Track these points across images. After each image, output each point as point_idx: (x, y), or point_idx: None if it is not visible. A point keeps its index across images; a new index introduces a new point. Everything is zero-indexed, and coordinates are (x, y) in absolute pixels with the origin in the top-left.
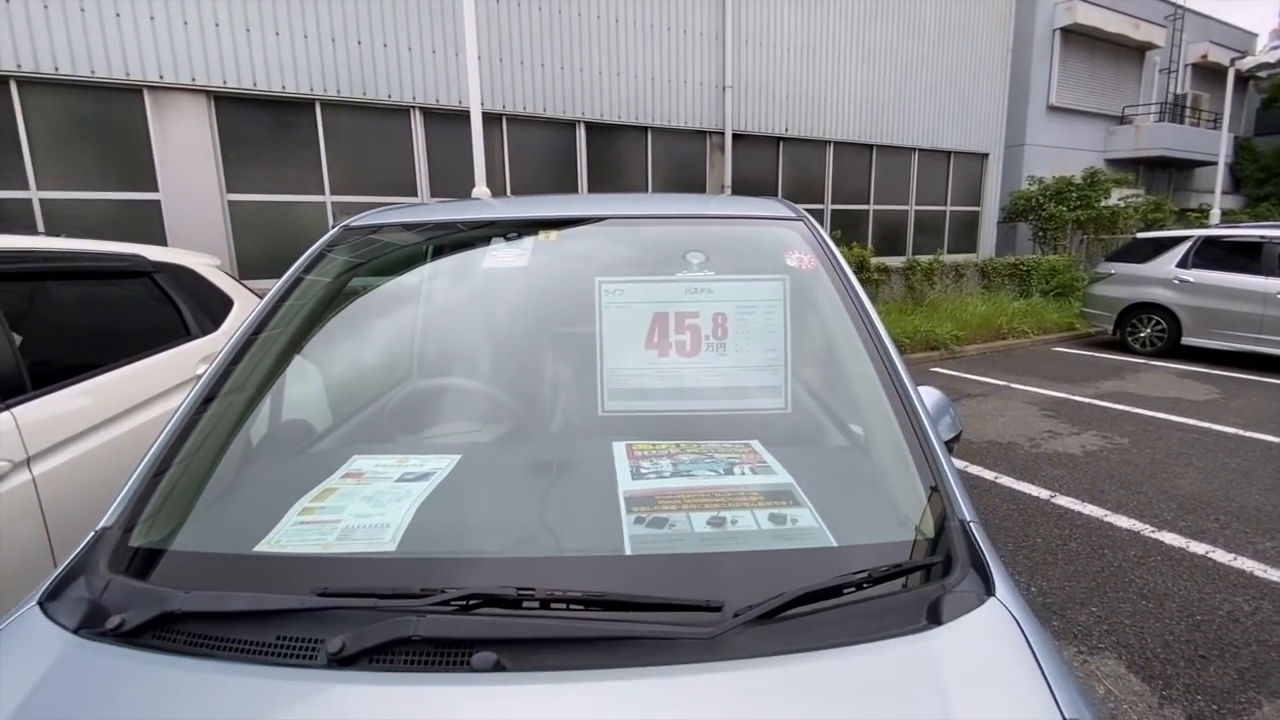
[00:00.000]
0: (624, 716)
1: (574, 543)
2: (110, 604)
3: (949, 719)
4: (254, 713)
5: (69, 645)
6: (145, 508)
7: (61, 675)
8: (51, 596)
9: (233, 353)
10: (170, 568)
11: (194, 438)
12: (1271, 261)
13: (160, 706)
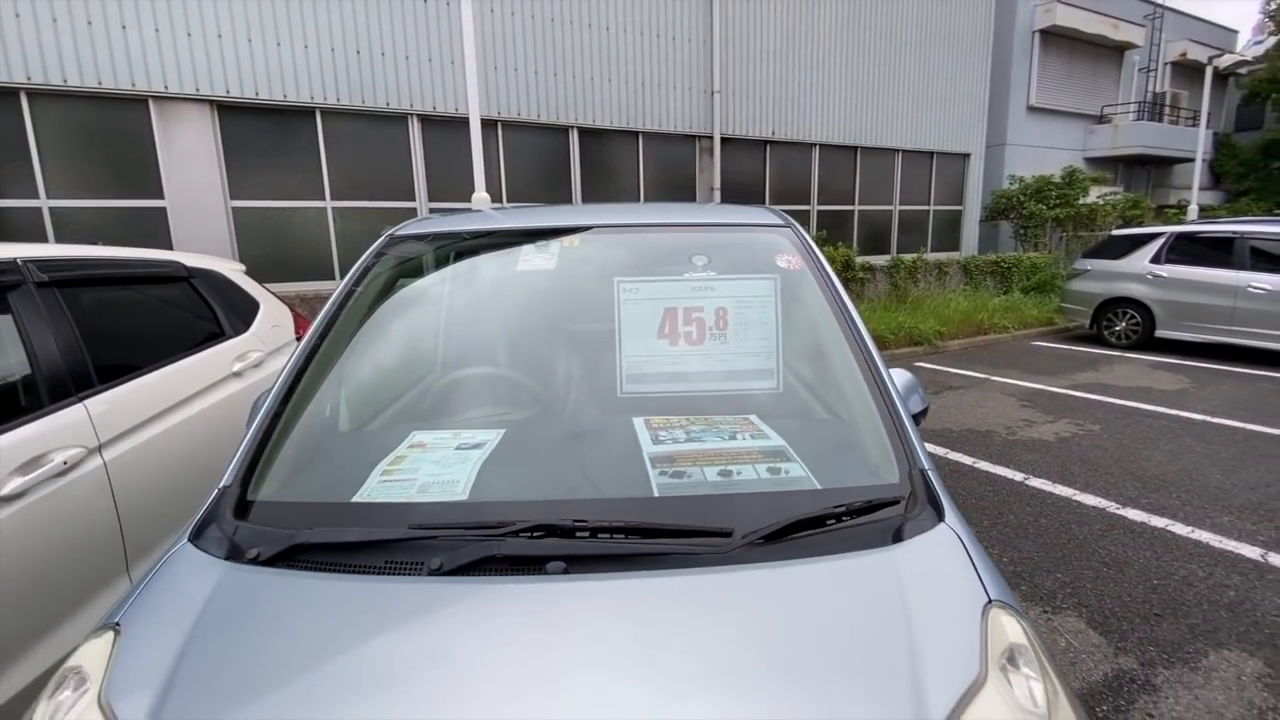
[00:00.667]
0: (657, 601)
1: (611, 490)
2: (243, 541)
3: (903, 598)
4: (380, 607)
5: (225, 569)
6: (254, 472)
7: (227, 586)
8: (196, 537)
9: (309, 346)
10: (284, 514)
11: (285, 417)
12: (1243, 255)
13: (306, 606)
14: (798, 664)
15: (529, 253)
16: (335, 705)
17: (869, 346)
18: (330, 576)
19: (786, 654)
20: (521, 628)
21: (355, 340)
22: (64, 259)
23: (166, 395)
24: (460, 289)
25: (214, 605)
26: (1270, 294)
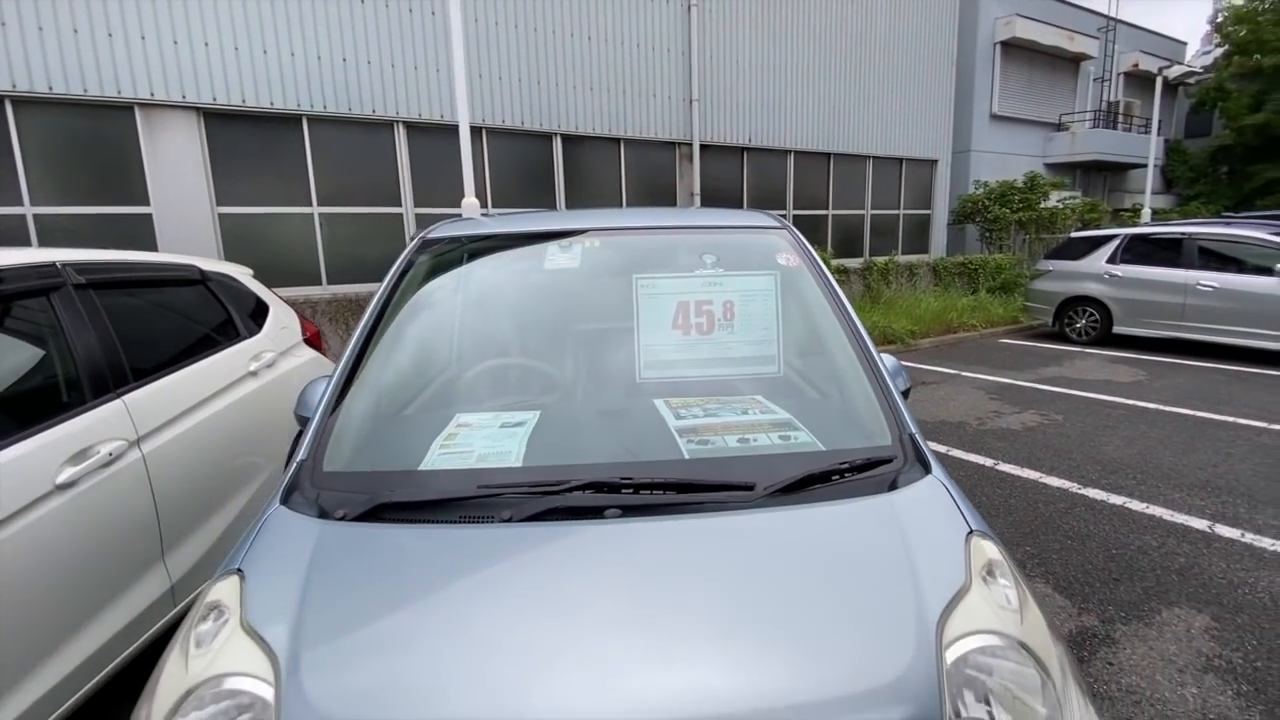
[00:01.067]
0: (698, 536)
1: (647, 455)
2: (329, 504)
3: (901, 530)
4: (464, 549)
5: (321, 525)
6: (326, 447)
7: (328, 538)
8: (286, 500)
9: (362, 337)
10: (359, 481)
11: (345, 401)
12: (1191, 255)
13: (400, 550)
14: (822, 576)
15: (554, 252)
16: (445, 618)
17: (861, 332)
18: (415, 528)
19: (811, 570)
20: (592, 558)
21: (401, 332)
22: (97, 262)
23: (193, 392)
24: (490, 285)
25: (320, 551)
26: (1217, 291)
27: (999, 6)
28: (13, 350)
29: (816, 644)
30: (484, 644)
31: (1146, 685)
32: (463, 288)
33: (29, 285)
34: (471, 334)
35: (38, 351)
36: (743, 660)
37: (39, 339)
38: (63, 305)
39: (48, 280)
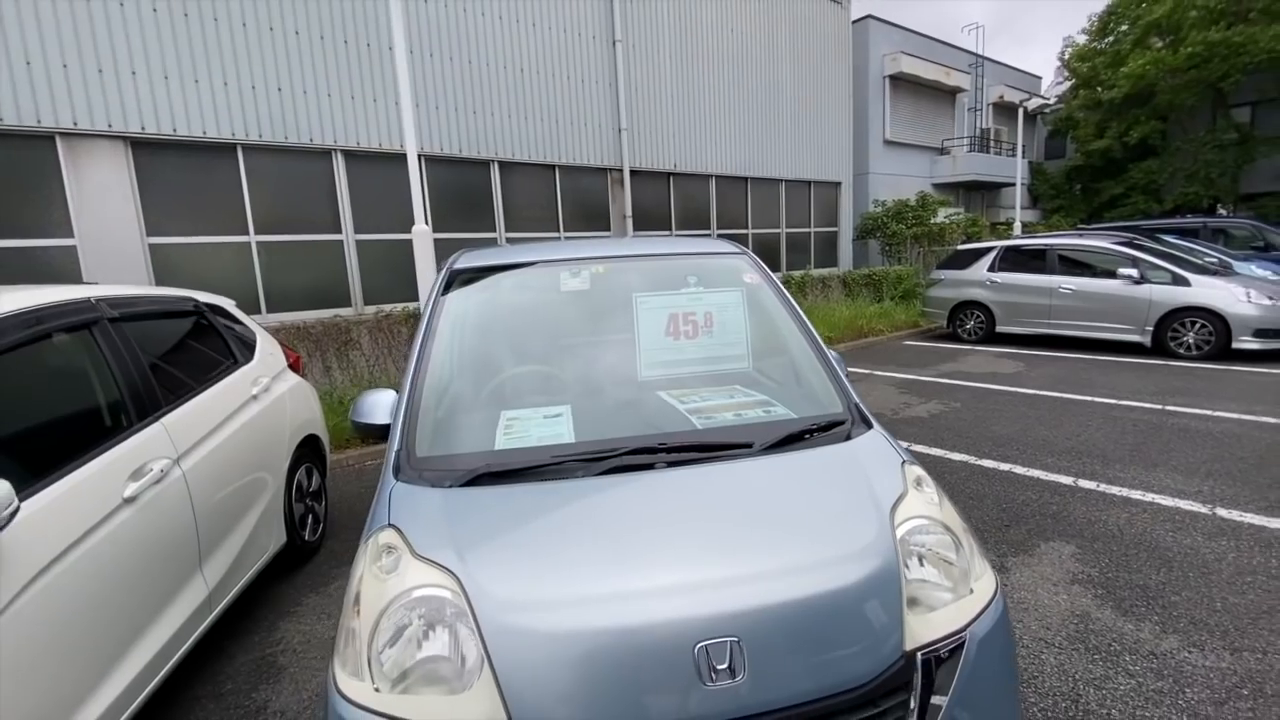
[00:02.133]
0: (720, 476)
1: (669, 428)
2: (432, 478)
3: (858, 462)
4: (558, 495)
5: (439, 490)
6: (415, 440)
7: (450, 497)
8: (397, 478)
9: (417, 356)
10: (448, 461)
11: (411, 405)
12: (1054, 263)
13: (511, 501)
14: (810, 494)
15: (567, 277)
16: (563, 535)
17: (812, 331)
18: (514, 486)
19: (801, 491)
20: (652, 493)
21: (450, 347)
22: (120, 296)
23: (213, 415)
24: (516, 305)
25: (448, 506)
26: (1075, 293)
27: (887, 44)
28: (69, 378)
29: (817, 529)
30: (597, 545)
31: (1030, 596)
32: (494, 307)
33: (76, 320)
34: (506, 346)
35: (89, 379)
36: (770, 541)
37: (88, 368)
38: (103, 337)
39: (88, 314)
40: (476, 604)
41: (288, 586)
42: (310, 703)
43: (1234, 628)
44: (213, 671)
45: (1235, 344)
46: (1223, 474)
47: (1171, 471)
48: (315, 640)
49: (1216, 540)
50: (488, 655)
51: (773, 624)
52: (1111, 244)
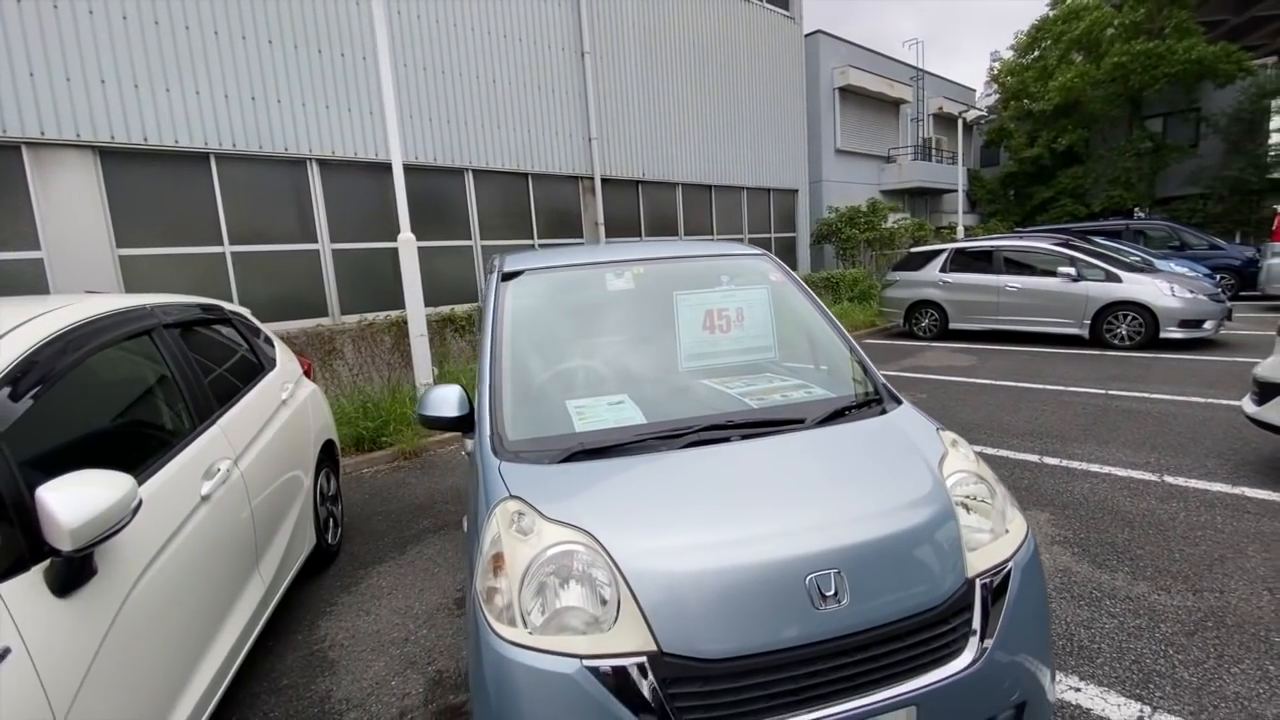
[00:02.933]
0: (784, 444)
1: (725, 410)
2: (532, 458)
3: (900, 430)
4: (648, 466)
5: (542, 467)
6: (503, 425)
7: (553, 471)
8: (499, 458)
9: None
10: (538, 443)
11: (503, 395)
12: (999, 263)
13: (609, 471)
14: (868, 455)
15: (612, 277)
16: (667, 496)
17: (836, 322)
18: (607, 461)
19: (857, 454)
20: (729, 460)
21: (515, 344)
22: (168, 304)
23: (256, 418)
24: (570, 304)
25: (561, 478)
26: (1020, 290)
27: (835, 58)
28: (141, 381)
29: (886, 482)
30: (706, 501)
31: None
32: (550, 306)
33: (140, 326)
34: (565, 341)
35: (158, 382)
36: (852, 492)
37: (155, 371)
38: (161, 342)
39: (149, 321)
40: (615, 554)
41: (317, 589)
42: (372, 689)
43: (1193, 574)
44: (265, 669)
45: (1163, 334)
46: (1165, 447)
47: (1122, 447)
48: (360, 635)
49: (1168, 503)
50: (633, 595)
51: (867, 557)
52: (1051, 245)
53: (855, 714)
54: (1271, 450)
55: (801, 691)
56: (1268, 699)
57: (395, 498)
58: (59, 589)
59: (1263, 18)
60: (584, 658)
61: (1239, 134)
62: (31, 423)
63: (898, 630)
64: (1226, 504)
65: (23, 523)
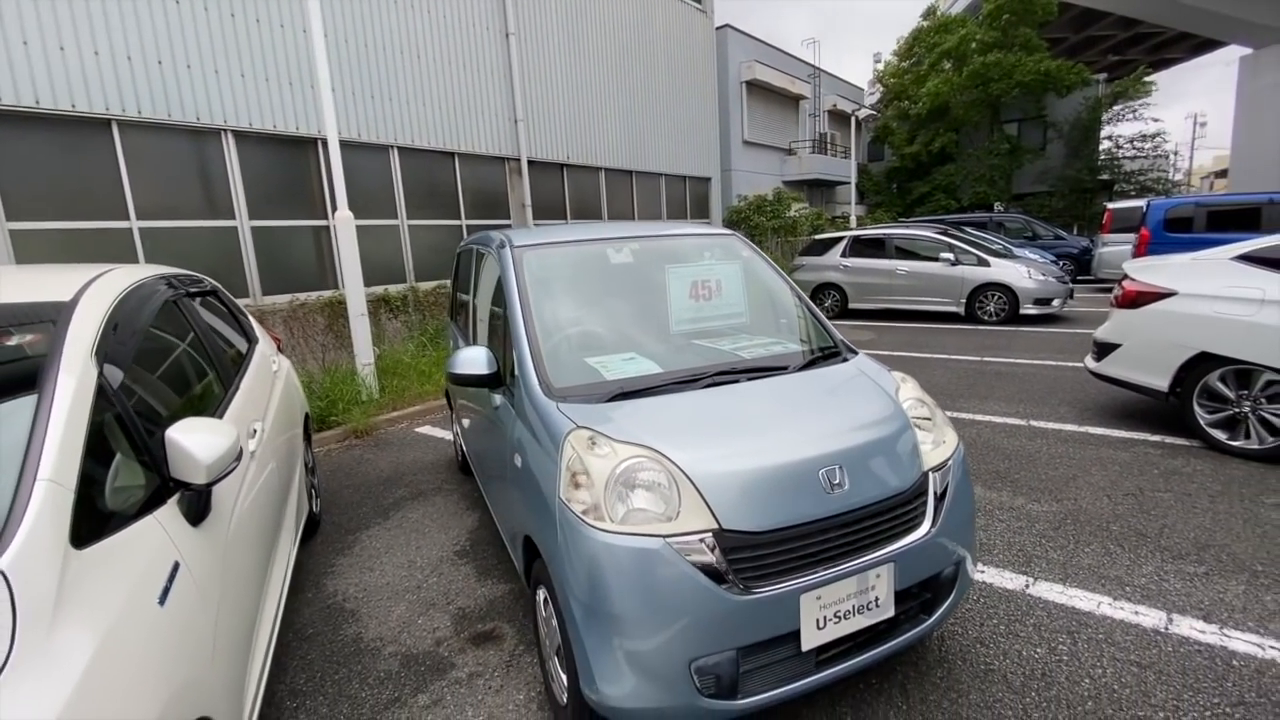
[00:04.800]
0: (777, 383)
1: (729, 361)
2: (581, 399)
3: (862, 371)
4: (684, 401)
5: (591, 405)
6: (547, 375)
7: (601, 408)
8: (551, 399)
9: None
10: (579, 390)
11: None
12: (891, 249)
13: (652, 406)
14: (845, 389)
15: (613, 252)
16: (702, 420)
17: (799, 292)
18: (646, 399)
19: (839, 387)
20: (739, 394)
21: (539, 309)
22: (174, 274)
23: (263, 386)
24: (580, 275)
25: (615, 412)
26: (908, 274)
27: (743, 53)
28: (183, 347)
29: (863, 405)
30: (739, 423)
31: None
32: (564, 277)
33: (173, 293)
34: (579, 307)
35: (189, 347)
36: (842, 412)
37: (185, 337)
38: (188, 310)
39: (176, 290)
40: (678, 462)
41: (310, 554)
42: (401, 628)
43: (1055, 489)
44: (287, 623)
45: (1022, 310)
46: (1029, 399)
47: (997, 400)
48: (371, 588)
49: (1034, 441)
50: (697, 490)
51: (859, 456)
52: (933, 233)
53: (855, 568)
54: (1106, 397)
55: (821, 553)
56: (1110, 565)
57: (359, 473)
58: (193, 519)
59: (1097, 36)
60: (665, 537)
61: (1078, 139)
62: (134, 371)
63: (881, 508)
64: (1076, 439)
65: (153, 462)
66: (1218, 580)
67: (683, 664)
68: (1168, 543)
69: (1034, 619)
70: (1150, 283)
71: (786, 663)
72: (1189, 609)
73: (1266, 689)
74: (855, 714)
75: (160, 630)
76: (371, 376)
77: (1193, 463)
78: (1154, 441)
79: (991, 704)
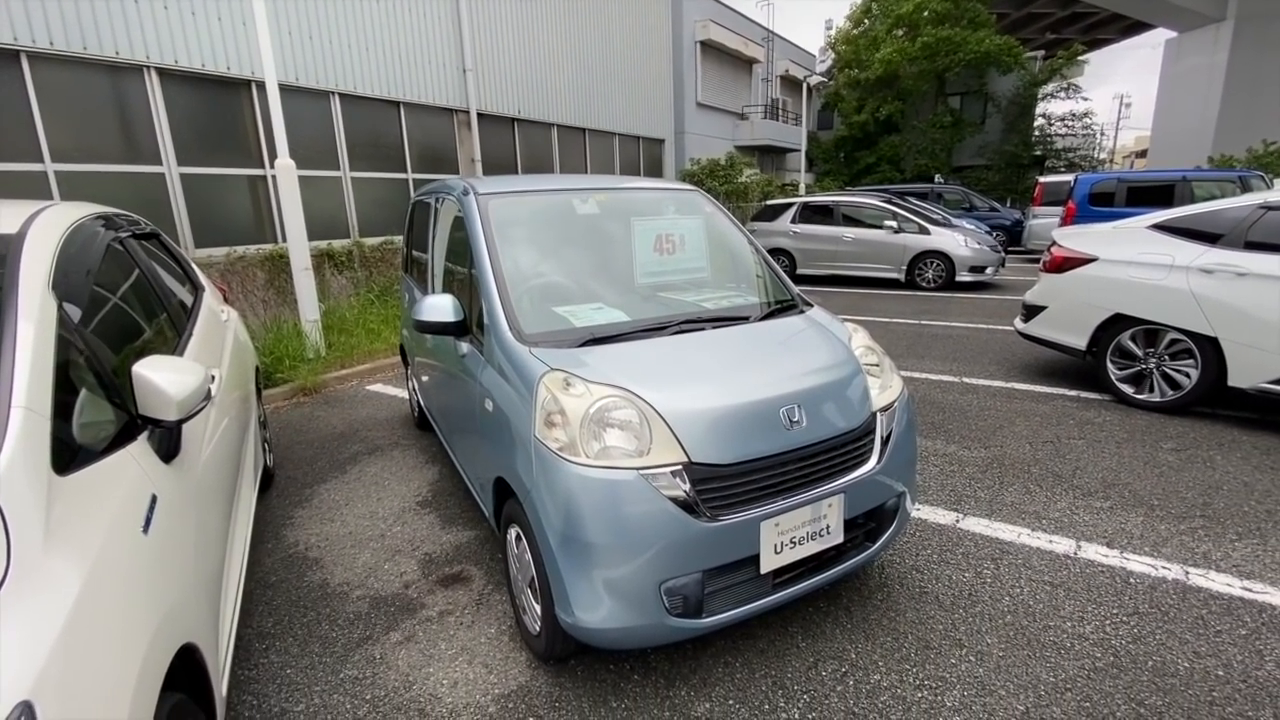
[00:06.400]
0: (740, 331)
1: (691, 311)
2: (552, 344)
3: (816, 322)
4: (652, 346)
5: (566, 350)
6: (517, 321)
7: (572, 353)
8: (523, 344)
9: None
10: (550, 335)
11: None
12: (838, 216)
13: (621, 351)
14: (802, 336)
15: (578, 203)
16: (667, 363)
17: (758, 246)
18: (614, 345)
19: (797, 335)
20: (704, 341)
21: (508, 257)
22: (117, 214)
23: (215, 334)
24: (546, 224)
25: (587, 356)
26: (854, 240)
27: (698, 11)
28: (136, 286)
29: (819, 351)
30: (708, 365)
31: None
32: (529, 226)
33: (119, 233)
34: (544, 256)
35: (146, 288)
36: (800, 356)
37: (137, 276)
38: (132, 252)
39: (117, 230)
40: (649, 400)
41: (266, 507)
42: (367, 573)
43: (984, 437)
44: (249, 572)
45: (958, 277)
46: (962, 358)
47: (933, 360)
48: (333, 538)
49: (966, 395)
50: (668, 426)
51: (816, 396)
52: (878, 201)
53: (810, 498)
54: (1030, 357)
55: (780, 484)
56: (1029, 502)
57: (310, 429)
58: (164, 455)
59: (1036, 14)
60: (638, 469)
61: (1015, 116)
62: (90, 308)
63: (835, 444)
64: (1003, 394)
65: (119, 398)
66: (1120, 513)
67: (653, 586)
68: (1079, 482)
69: (963, 549)
70: (1075, 249)
71: (747, 584)
72: (1095, 537)
73: (1157, 601)
74: (805, 633)
75: (146, 557)
76: (317, 333)
77: (1103, 414)
78: (1071, 396)
79: (925, 620)
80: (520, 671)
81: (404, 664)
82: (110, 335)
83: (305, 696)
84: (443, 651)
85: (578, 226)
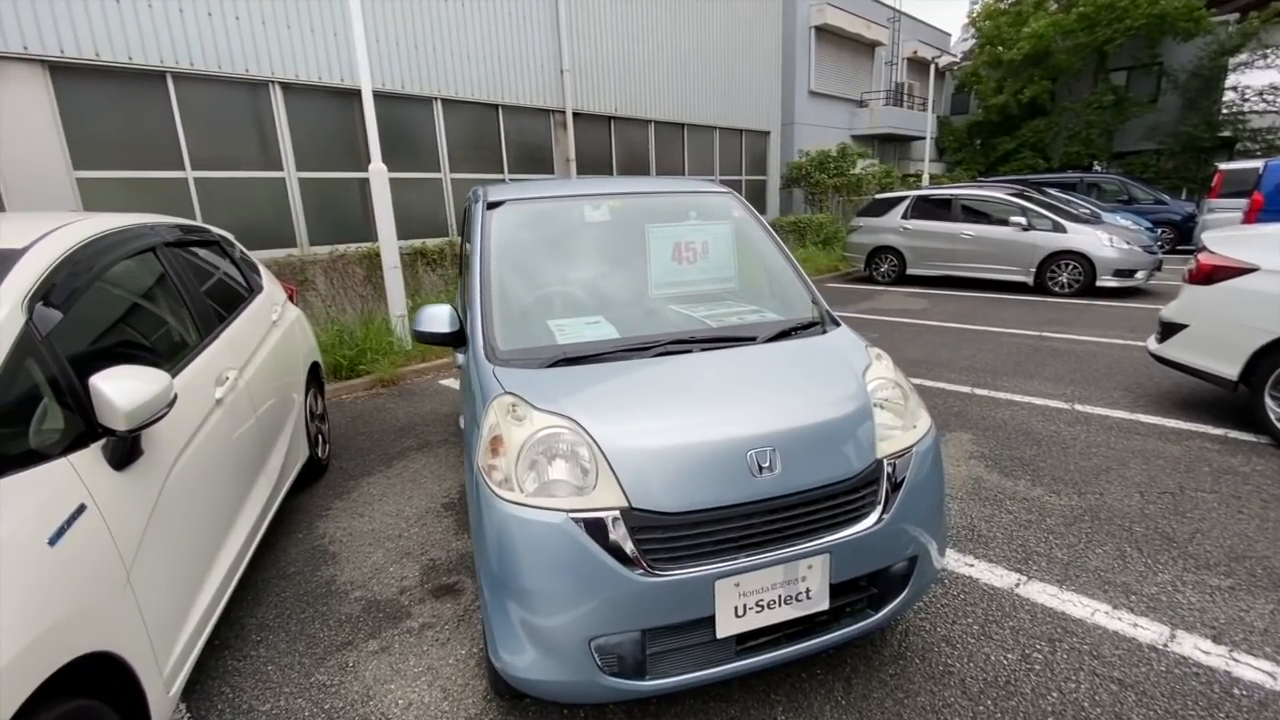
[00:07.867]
0: (738, 355)
1: (692, 328)
2: (523, 364)
3: (834, 347)
4: (628, 370)
5: (530, 370)
6: (495, 337)
7: (542, 374)
8: (494, 363)
9: (479, 273)
10: (529, 353)
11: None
12: (957, 211)
13: (589, 373)
14: (805, 364)
15: (589, 210)
16: (639, 390)
17: (789, 255)
18: (589, 366)
19: (800, 362)
20: (693, 365)
21: (504, 267)
22: (164, 224)
23: (253, 335)
24: (552, 232)
25: (548, 379)
26: (974, 238)
27: None
28: (153, 295)
29: (817, 384)
30: (671, 396)
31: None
32: (532, 234)
33: (148, 242)
34: (546, 267)
35: (166, 294)
36: (789, 390)
37: (162, 284)
38: (166, 259)
39: (152, 238)
40: (594, 434)
41: (312, 497)
42: (372, 574)
43: (1081, 481)
44: (273, 561)
45: (1099, 282)
46: (1081, 381)
47: (1044, 380)
48: (356, 533)
49: (1074, 426)
50: (609, 464)
51: (796, 439)
52: (1006, 194)
53: (782, 558)
54: (1170, 383)
55: (741, 540)
56: (1120, 570)
57: (376, 420)
58: (116, 463)
59: None
60: (569, 512)
61: (1196, 90)
62: (68, 324)
63: (818, 495)
64: (1122, 427)
65: (79, 407)
66: (1243, 596)
67: (581, 641)
68: (1196, 550)
69: (1014, 622)
70: (1229, 256)
71: (701, 648)
72: (1198, 626)
73: None
74: (789, 705)
75: (43, 568)
76: (403, 327)
77: (1253, 461)
78: (1213, 435)
79: (940, 708)
80: (475, 703)
81: (370, 676)
82: (96, 345)
83: (274, 697)
84: (410, 668)
85: (586, 234)
